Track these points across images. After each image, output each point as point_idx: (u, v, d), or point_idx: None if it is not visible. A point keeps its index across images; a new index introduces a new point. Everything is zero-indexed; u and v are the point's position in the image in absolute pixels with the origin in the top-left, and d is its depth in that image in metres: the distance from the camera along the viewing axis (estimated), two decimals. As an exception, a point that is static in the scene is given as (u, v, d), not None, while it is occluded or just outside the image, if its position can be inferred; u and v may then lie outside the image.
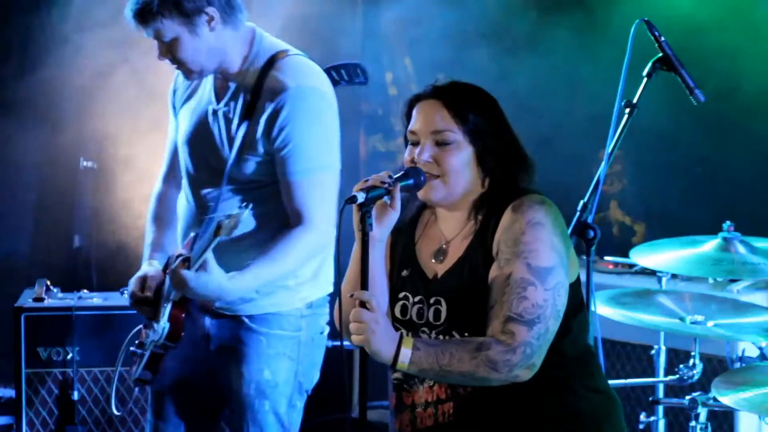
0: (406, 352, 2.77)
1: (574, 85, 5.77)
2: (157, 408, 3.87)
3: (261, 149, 3.59)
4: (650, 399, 4.43)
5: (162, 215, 3.89)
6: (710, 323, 4.04)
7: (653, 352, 4.51)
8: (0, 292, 5.60)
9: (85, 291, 5.26)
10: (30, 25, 6.01)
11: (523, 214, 2.84)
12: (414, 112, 2.96)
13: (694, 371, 4.29)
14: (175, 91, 3.87)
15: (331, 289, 3.81)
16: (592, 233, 3.48)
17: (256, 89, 3.60)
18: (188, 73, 3.64)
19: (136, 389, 4.91)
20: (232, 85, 3.66)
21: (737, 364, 4.39)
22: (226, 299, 3.61)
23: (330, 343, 5.43)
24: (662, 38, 3.64)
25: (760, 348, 4.24)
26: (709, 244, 4.29)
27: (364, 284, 2.83)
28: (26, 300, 5.13)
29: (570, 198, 3.47)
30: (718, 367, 4.68)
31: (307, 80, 3.62)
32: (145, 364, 3.74)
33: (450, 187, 2.91)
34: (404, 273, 3.01)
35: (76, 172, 5.74)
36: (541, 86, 5.80)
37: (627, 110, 3.61)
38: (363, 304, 2.78)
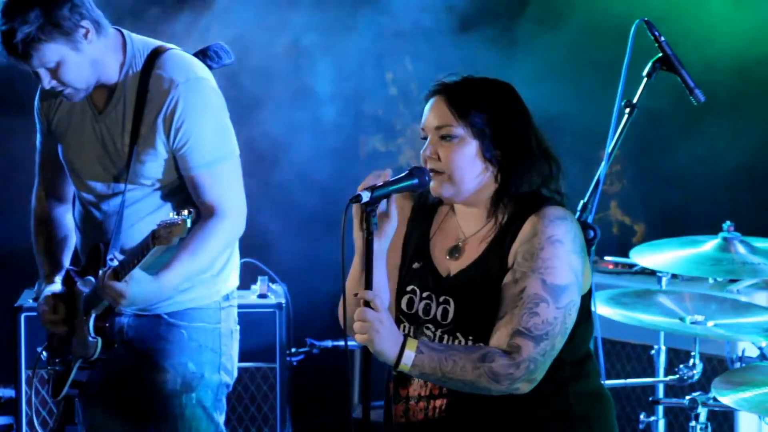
0: (409, 354, 2.77)
1: (575, 84, 5.77)
2: (86, 418, 3.85)
3: (162, 148, 3.57)
4: (650, 399, 4.43)
5: (45, 231, 3.86)
6: (710, 323, 4.04)
7: (653, 352, 4.51)
8: (0, 292, 5.59)
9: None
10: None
11: (543, 229, 2.83)
12: (425, 109, 2.97)
13: (694, 371, 4.29)
14: (41, 102, 3.79)
15: (237, 280, 3.82)
16: (592, 233, 3.48)
17: (141, 91, 3.56)
18: (74, 93, 3.57)
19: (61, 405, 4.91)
20: (114, 92, 3.61)
21: (737, 364, 4.39)
22: (154, 302, 3.61)
23: (331, 343, 5.47)
24: (662, 38, 3.64)
25: (760, 348, 4.24)
26: (709, 244, 4.29)
27: (368, 284, 2.83)
28: (26, 300, 5.13)
29: (570, 198, 3.47)
30: (718, 367, 4.68)
31: (192, 72, 3.59)
32: (72, 380, 3.72)
33: (457, 184, 2.90)
34: (415, 265, 3.00)
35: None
36: (541, 85, 5.79)
37: (627, 110, 3.61)
38: (367, 304, 2.78)
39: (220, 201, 3.58)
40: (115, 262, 3.51)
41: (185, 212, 3.30)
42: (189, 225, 3.29)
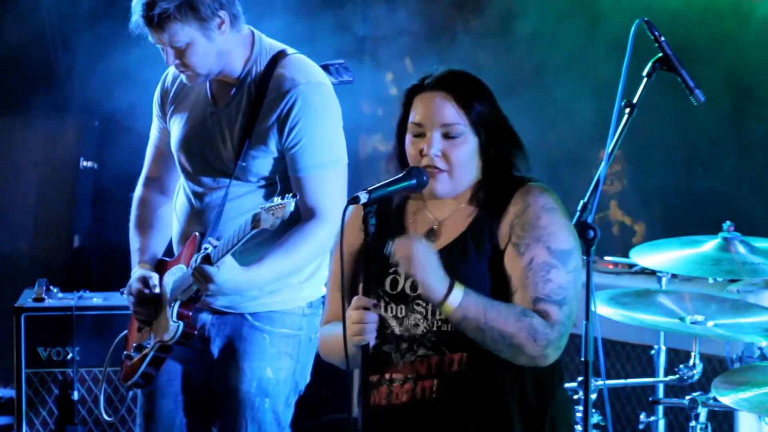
0: (457, 293, 2.77)
1: (578, 83, 5.77)
2: (148, 410, 3.86)
3: (273, 146, 3.61)
4: (650, 399, 4.43)
5: (145, 220, 3.90)
6: (710, 323, 4.04)
7: (653, 352, 4.51)
8: (0, 292, 5.59)
9: (85, 291, 5.26)
10: (32, 29, 6.02)
11: (534, 200, 2.88)
12: (416, 103, 2.95)
13: (694, 371, 4.29)
14: (162, 96, 3.86)
15: (325, 290, 3.82)
16: (592, 233, 3.47)
17: (262, 88, 3.62)
18: (194, 76, 3.65)
19: (130, 393, 4.91)
20: (234, 87, 3.67)
21: (737, 364, 4.39)
22: (245, 292, 3.62)
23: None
24: (662, 38, 3.63)
25: (760, 348, 4.24)
26: (709, 244, 4.28)
27: (366, 286, 2.84)
28: (26, 300, 5.13)
29: (570, 198, 3.48)
30: (718, 367, 4.68)
31: (314, 76, 3.66)
32: (145, 368, 3.74)
33: (456, 181, 2.92)
34: None
35: (76, 172, 5.76)
36: (541, 86, 5.80)
37: (627, 110, 3.61)
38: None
39: (322, 205, 3.60)
40: (210, 249, 3.53)
41: (289, 195, 3.33)
42: (292, 207, 3.31)
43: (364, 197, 2.82)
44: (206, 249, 3.54)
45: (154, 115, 3.90)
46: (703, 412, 4.04)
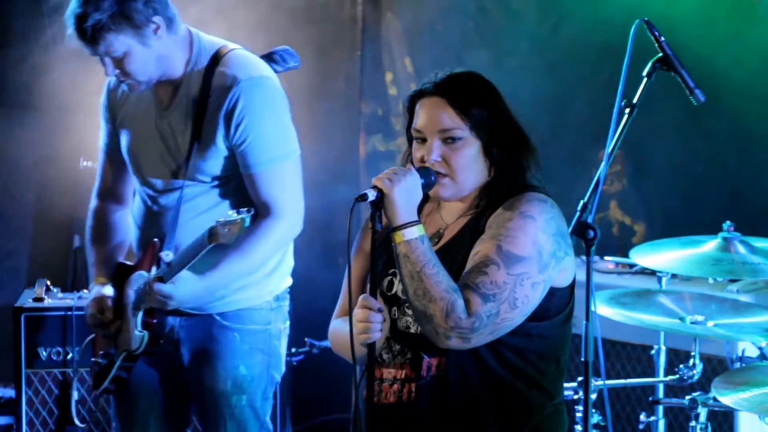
0: (414, 231, 2.81)
1: (573, 85, 5.77)
2: (122, 413, 3.86)
3: (222, 145, 3.60)
4: (650, 399, 4.43)
5: (102, 233, 3.89)
6: (710, 323, 4.04)
7: (653, 352, 4.51)
8: (0, 292, 5.59)
9: (85, 291, 5.26)
10: (31, 26, 6.02)
11: (519, 204, 2.87)
12: (417, 109, 2.97)
13: (694, 371, 4.29)
14: (109, 101, 3.85)
15: (290, 280, 3.82)
16: (592, 233, 3.47)
17: (205, 88, 3.60)
18: (136, 85, 3.63)
19: (102, 399, 4.92)
20: (178, 89, 3.65)
21: (737, 364, 4.39)
22: (203, 301, 3.62)
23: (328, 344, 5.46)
24: (662, 38, 3.64)
25: (760, 348, 4.24)
26: (709, 244, 4.28)
27: (373, 282, 2.85)
28: (26, 300, 5.13)
29: (570, 198, 3.48)
30: (718, 367, 4.68)
31: (255, 71, 3.63)
32: (115, 373, 3.73)
33: (460, 184, 2.94)
34: None
35: (76, 172, 5.75)
36: (541, 87, 5.80)
37: (627, 110, 3.61)
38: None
39: (276, 201, 3.60)
40: (170, 257, 3.53)
41: (244, 210, 3.33)
42: (247, 223, 3.32)
43: (372, 195, 2.83)
44: (166, 257, 3.53)
45: (101, 120, 3.88)
46: (703, 412, 4.04)
